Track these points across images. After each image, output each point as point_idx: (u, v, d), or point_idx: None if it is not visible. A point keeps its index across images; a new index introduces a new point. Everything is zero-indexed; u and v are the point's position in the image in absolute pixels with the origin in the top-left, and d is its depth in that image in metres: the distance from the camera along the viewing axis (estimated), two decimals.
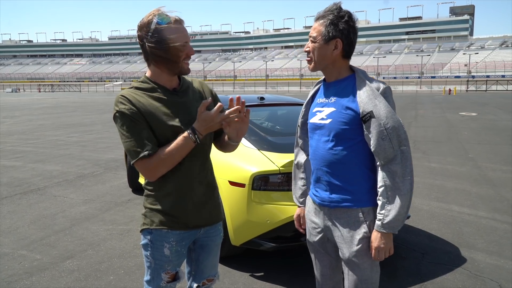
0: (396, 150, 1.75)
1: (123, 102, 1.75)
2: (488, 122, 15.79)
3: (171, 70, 1.80)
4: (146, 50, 1.77)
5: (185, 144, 1.75)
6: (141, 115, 1.74)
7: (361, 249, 1.86)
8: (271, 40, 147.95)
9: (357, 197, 1.88)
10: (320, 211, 2.00)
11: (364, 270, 1.88)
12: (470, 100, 34.18)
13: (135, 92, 1.80)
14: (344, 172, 1.88)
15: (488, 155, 8.86)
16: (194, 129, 1.75)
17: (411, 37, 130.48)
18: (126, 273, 3.50)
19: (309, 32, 1.92)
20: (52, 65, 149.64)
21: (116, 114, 1.76)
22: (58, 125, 15.96)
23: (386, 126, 1.75)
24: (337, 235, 1.93)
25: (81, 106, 29.75)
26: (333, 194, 1.91)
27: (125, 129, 1.74)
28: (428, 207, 5.26)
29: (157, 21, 1.71)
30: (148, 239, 1.86)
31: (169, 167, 1.77)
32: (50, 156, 9.07)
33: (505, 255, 3.81)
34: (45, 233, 4.40)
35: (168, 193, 1.83)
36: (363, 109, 1.79)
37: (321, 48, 1.86)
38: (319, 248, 2.06)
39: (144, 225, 1.88)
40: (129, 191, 6.06)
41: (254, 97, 4.86)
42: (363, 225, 1.87)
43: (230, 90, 77.60)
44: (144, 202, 1.91)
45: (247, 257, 3.77)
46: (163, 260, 1.87)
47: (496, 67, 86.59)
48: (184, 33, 1.77)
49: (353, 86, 1.88)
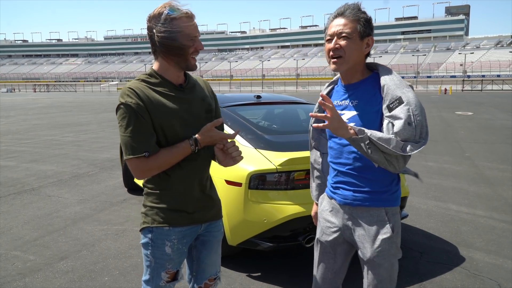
0: (416, 139, 1.71)
1: (130, 95, 1.71)
2: (484, 121, 15.82)
3: (178, 63, 1.77)
4: (155, 41, 1.74)
5: (184, 152, 1.76)
6: (146, 110, 1.70)
7: (383, 249, 1.84)
8: (268, 40, 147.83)
9: (382, 197, 1.86)
10: (339, 210, 1.95)
11: (385, 270, 1.86)
12: (466, 99, 34.28)
13: (142, 85, 1.76)
14: (370, 173, 1.85)
15: (485, 154, 8.86)
16: (197, 141, 1.77)
17: (407, 37, 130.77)
18: (121, 273, 3.45)
19: (335, 30, 1.80)
20: (47, 65, 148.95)
21: (120, 106, 1.71)
22: (53, 125, 15.86)
23: (414, 113, 1.69)
24: (358, 234, 1.89)
25: (77, 106, 29.61)
26: (358, 193, 1.87)
27: (127, 123, 1.69)
28: (425, 206, 5.24)
29: (168, 12, 1.70)
30: (149, 238, 1.84)
31: (160, 171, 1.77)
32: (44, 156, 8.99)
33: (504, 254, 3.78)
34: (39, 234, 4.34)
35: (171, 190, 1.82)
36: (392, 96, 1.73)
37: (356, 45, 1.79)
38: (330, 248, 2.01)
39: (145, 223, 1.85)
40: (125, 191, 6.01)
41: (250, 96, 4.83)
42: (387, 225, 1.85)
43: (227, 89, 77.53)
44: (144, 200, 1.88)
45: (244, 257, 3.72)
46: (164, 258, 1.84)
47: (491, 66, 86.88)
48: (194, 26, 1.75)
49: (376, 82, 1.83)
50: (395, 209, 1.88)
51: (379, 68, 1.87)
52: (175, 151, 1.75)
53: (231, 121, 3.91)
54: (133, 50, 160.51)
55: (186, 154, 1.77)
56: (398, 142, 1.68)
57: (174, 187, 1.82)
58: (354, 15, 1.78)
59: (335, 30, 1.80)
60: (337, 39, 1.79)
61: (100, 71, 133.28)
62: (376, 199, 1.85)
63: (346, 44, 1.78)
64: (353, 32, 1.77)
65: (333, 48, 1.80)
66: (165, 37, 1.71)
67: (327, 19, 1.89)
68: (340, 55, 1.79)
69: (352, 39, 1.77)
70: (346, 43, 1.78)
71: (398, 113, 1.71)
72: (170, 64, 1.78)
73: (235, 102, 4.45)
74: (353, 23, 1.78)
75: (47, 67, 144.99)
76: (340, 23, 1.79)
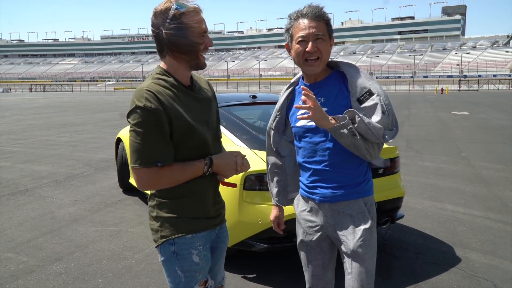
0: (390, 127, 1.83)
1: (149, 98, 1.56)
2: (480, 121, 15.84)
3: (188, 62, 1.67)
4: (162, 40, 1.62)
5: (196, 173, 1.67)
6: (165, 116, 1.57)
7: (365, 239, 1.87)
8: (265, 39, 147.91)
9: (359, 188, 1.91)
10: (318, 209, 1.97)
11: (368, 261, 1.89)
12: (462, 99, 34.37)
13: (161, 88, 1.62)
14: (347, 167, 1.89)
15: (481, 154, 8.86)
16: (212, 163, 1.70)
17: (404, 36, 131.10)
18: (115, 275, 3.42)
19: (310, 31, 1.80)
20: (43, 64, 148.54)
21: (136, 110, 1.56)
22: (48, 125, 15.78)
23: (385, 102, 1.81)
24: (341, 228, 1.92)
25: (73, 106, 29.50)
26: (336, 189, 1.90)
27: (141, 129, 1.55)
28: (421, 206, 5.23)
29: (176, 7, 1.59)
30: (172, 251, 1.68)
31: (168, 186, 1.65)
32: (39, 157, 8.94)
33: (500, 255, 3.77)
34: (32, 235, 4.30)
35: (191, 196, 1.70)
36: (360, 89, 1.82)
37: (328, 46, 1.85)
38: (315, 246, 2.03)
39: (163, 238, 1.68)
40: (120, 192, 5.97)
41: (246, 96, 4.81)
42: (367, 215, 1.91)
43: (224, 89, 77.45)
44: (157, 212, 1.71)
45: (239, 258, 3.70)
46: (193, 269, 1.70)
47: (487, 66, 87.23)
48: (203, 21, 1.65)
49: (341, 78, 1.89)
50: (371, 198, 1.95)
51: (341, 65, 1.92)
52: (189, 170, 1.65)
53: (226, 121, 3.89)
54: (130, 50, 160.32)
55: (198, 174, 1.67)
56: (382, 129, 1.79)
57: (193, 193, 1.71)
58: (323, 16, 1.82)
59: (309, 32, 1.80)
60: (314, 41, 1.81)
61: (96, 71, 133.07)
62: (354, 192, 1.90)
63: (323, 46, 1.82)
64: (325, 33, 1.82)
65: (311, 50, 1.81)
66: (174, 35, 1.59)
67: (291, 19, 1.88)
68: (317, 57, 1.83)
69: (325, 40, 1.83)
70: (323, 45, 1.82)
71: (370, 104, 1.80)
72: (180, 63, 1.67)
73: (231, 102, 4.42)
74: (324, 24, 1.82)
75: (43, 67, 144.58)
76: (313, 25, 1.80)
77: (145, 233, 4.36)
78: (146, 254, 3.83)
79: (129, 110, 1.59)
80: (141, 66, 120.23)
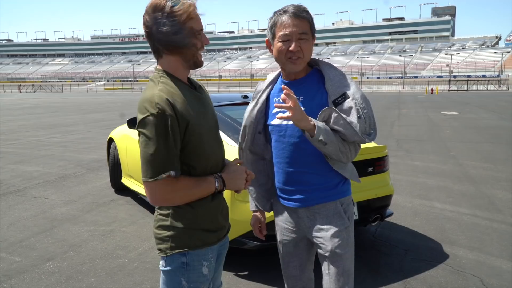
0: (367, 131, 1.80)
1: (161, 104, 1.46)
2: (469, 121, 16.03)
3: (186, 61, 1.59)
4: (157, 38, 1.53)
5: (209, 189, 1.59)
6: (178, 122, 1.49)
7: (343, 239, 1.88)
8: (256, 40, 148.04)
9: (336, 190, 1.90)
10: (294, 213, 1.96)
11: (346, 261, 1.89)
12: (452, 99, 34.70)
13: (171, 91, 1.53)
14: (322, 168, 1.87)
15: (470, 153, 8.99)
16: (222, 179, 1.62)
17: (394, 37, 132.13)
18: (108, 274, 3.45)
19: (293, 30, 1.78)
20: (33, 65, 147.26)
21: (149, 117, 1.45)
22: (39, 126, 15.68)
23: (361, 106, 1.78)
24: (317, 229, 1.91)
25: (63, 107, 29.29)
26: (312, 193, 1.89)
27: (158, 138, 1.45)
28: (411, 205, 5.31)
29: (172, 4, 1.51)
30: (183, 262, 1.58)
31: (181, 202, 1.56)
32: (30, 157, 8.90)
33: (486, 251, 3.86)
34: (24, 235, 4.31)
35: (207, 207, 1.61)
36: (337, 91, 1.81)
37: (311, 45, 1.84)
38: (292, 248, 2.03)
39: (175, 248, 1.57)
40: (112, 192, 5.98)
41: (238, 96, 4.85)
42: (343, 216, 1.91)
43: (215, 90, 77.37)
44: (171, 221, 1.58)
45: (231, 256, 3.73)
46: (199, 281, 1.62)
47: (477, 67, 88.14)
48: (199, 18, 1.58)
49: (320, 77, 1.88)
50: (348, 198, 1.94)
51: (321, 64, 1.91)
52: (204, 185, 1.57)
53: (218, 121, 3.92)
54: (121, 50, 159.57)
55: (211, 191, 1.59)
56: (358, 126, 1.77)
57: (209, 203, 1.62)
58: (307, 15, 1.82)
59: (293, 30, 1.78)
60: (297, 41, 1.79)
61: (87, 71, 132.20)
62: (331, 194, 1.89)
63: (305, 46, 1.81)
64: (308, 32, 1.82)
65: (294, 50, 1.79)
66: (169, 33, 1.51)
67: (274, 15, 1.85)
68: (299, 56, 1.81)
69: (308, 40, 1.82)
70: (305, 45, 1.81)
71: (345, 108, 1.79)
72: (178, 62, 1.59)
73: (222, 102, 4.47)
74: (308, 23, 1.81)
75: (32, 67, 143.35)
76: (297, 24, 1.79)
77: (137, 233, 4.39)
78: (139, 253, 3.86)
79: (141, 118, 1.47)
80: (132, 66, 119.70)
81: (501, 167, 7.47)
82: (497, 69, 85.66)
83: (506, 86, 60.45)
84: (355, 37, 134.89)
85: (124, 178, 5.59)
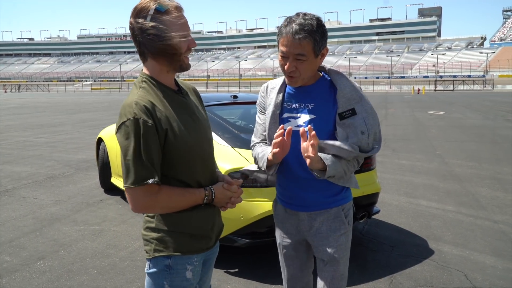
0: (369, 146, 1.83)
1: (139, 111, 1.44)
2: (455, 121, 16.27)
3: (172, 64, 1.55)
4: (142, 42, 1.50)
5: (195, 201, 1.57)
6: (160, 129, 1.47)
7: (342, 244, 1.92)
8: (244, 40, 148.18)
9: (339, 196, 1.93)
10: (295, 216, 1.97)
11: (342, 265, 1.92)
12: (438, 99, 35.12)
13: (149, 97, 1.51)
14: None
15: (455, 152, 9.15)
16: (213, 192, 1.60)
17: (381, 38, 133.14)
18: (99, 272, 3.47)
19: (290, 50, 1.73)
20: (18, 64, 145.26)
21: (126, 123, 1.44)
22: (26, 126, 15.52)
23: (367, 121, 1.80)
24: (317, 233, 1.93)
25: (50, 107, 28.98)
26: (318, 198, 1.90)
27: (134, 145, 1.43)
28: (397, 202, 5.41)
29: (157, 7, 1.48)
30: (166, 265, 1.57)
31: (162, 211, 1.55)
32: (18, 157, 8.83)
33: (470, 247, 3.96)
34: (14, 235, 4.30)
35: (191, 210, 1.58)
36: (346, 105, 1.80)
37: (311, 64, 1.77)
38: (292, 250, 2.05)
39: (158, 251, 1.56)
40: (101, 192, 5.98)
41: (227, 96, 4.90)
42: (344, 221, 1.93)
43: (204, 89, 77.13)
44: (156, 223, 1.57)
45: (221, 254, 3.77)
46: (183, 285, 1.59)
47: (462, 67, 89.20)
48: (186, 22, 1.54)
49: (330, 85, 1.86)
50: (349, 204, 1.97)
51: (332, 74, 1.87)
52: (188, 196, 1.55)
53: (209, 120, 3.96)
54: (107, 49, 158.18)
55: (196, 203, 1.57)
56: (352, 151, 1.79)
57: (197, 209, 1.59)
58: (310, 34, 1.70)
59: (289, 51, 1.73)
60: (294, 61, 1.75)
61: (73, 70, 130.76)
62: (334, 200, 1.91)
63: (302, 66, 1.76)
64: (309, 53, 1.73)
65: (288, 70, 1.77)
66: (155, 36, 1.47)
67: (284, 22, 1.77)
68: (295, 76, 1.79)
69: (307, 60, 1.75)
70: (302, 66, 1.76)
71: (351, 123, 1.79)
72: (162, 66, 1.55)
73: (213, 102, 4.51)
74: (309, 44, 1.72)
75: (18, 67, 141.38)
76: (295, 45, 1.71)
77: (128, 232, 4.41)
78: (129, 252, 3.89)
79: (119, 124, 1.47)
80: (119, 66, 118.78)
81: (486, 166, 7.63)
82: (483, 69, 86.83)
83: (491, 86, 61.35)
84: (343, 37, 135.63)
85: (113, 178, 5.60)
